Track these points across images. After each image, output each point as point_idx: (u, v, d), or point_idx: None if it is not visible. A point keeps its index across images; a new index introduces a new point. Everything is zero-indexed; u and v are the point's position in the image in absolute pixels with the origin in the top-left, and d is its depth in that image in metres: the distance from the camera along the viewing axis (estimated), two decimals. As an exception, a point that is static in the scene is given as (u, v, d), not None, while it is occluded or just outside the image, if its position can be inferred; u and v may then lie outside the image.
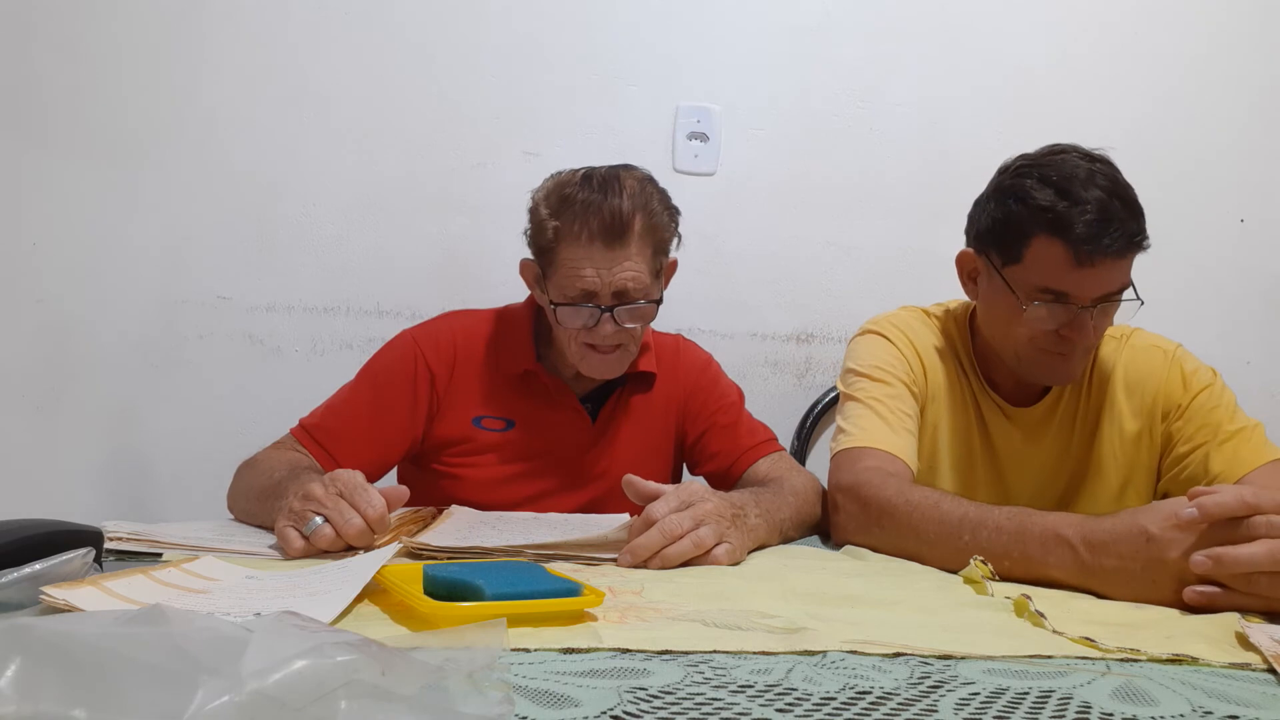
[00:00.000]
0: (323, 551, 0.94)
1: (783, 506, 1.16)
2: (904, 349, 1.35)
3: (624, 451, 1.40)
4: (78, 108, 1.73)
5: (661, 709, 0.52)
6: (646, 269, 1.27)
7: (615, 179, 1.26)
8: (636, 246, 1.25)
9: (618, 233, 1.23)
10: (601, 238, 1.23)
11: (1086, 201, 1.15)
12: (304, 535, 0.94)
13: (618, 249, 1.24)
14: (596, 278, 1.25)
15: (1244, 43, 1.97)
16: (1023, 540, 0.95)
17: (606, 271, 1.25)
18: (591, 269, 1.25)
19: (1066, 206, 1.15)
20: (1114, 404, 1.33)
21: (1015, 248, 1.21)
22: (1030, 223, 1.18)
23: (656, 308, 1.30)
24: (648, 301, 1.28)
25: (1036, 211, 1.17)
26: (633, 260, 1.25)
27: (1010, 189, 1.22)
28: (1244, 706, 0.56)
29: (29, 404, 1.72)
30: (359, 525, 0.93)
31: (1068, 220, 1.15)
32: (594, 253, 1.24)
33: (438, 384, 1.35)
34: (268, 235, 1.79)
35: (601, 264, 1.24)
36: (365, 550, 0.94)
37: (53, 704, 0.40)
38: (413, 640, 0.63)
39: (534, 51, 1.83)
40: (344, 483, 0.97)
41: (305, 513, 0.95)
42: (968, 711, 0.54)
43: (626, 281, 1.25)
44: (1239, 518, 0.82)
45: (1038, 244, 1.18)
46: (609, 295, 1.26)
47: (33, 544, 0.71)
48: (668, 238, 1.31)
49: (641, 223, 1.25)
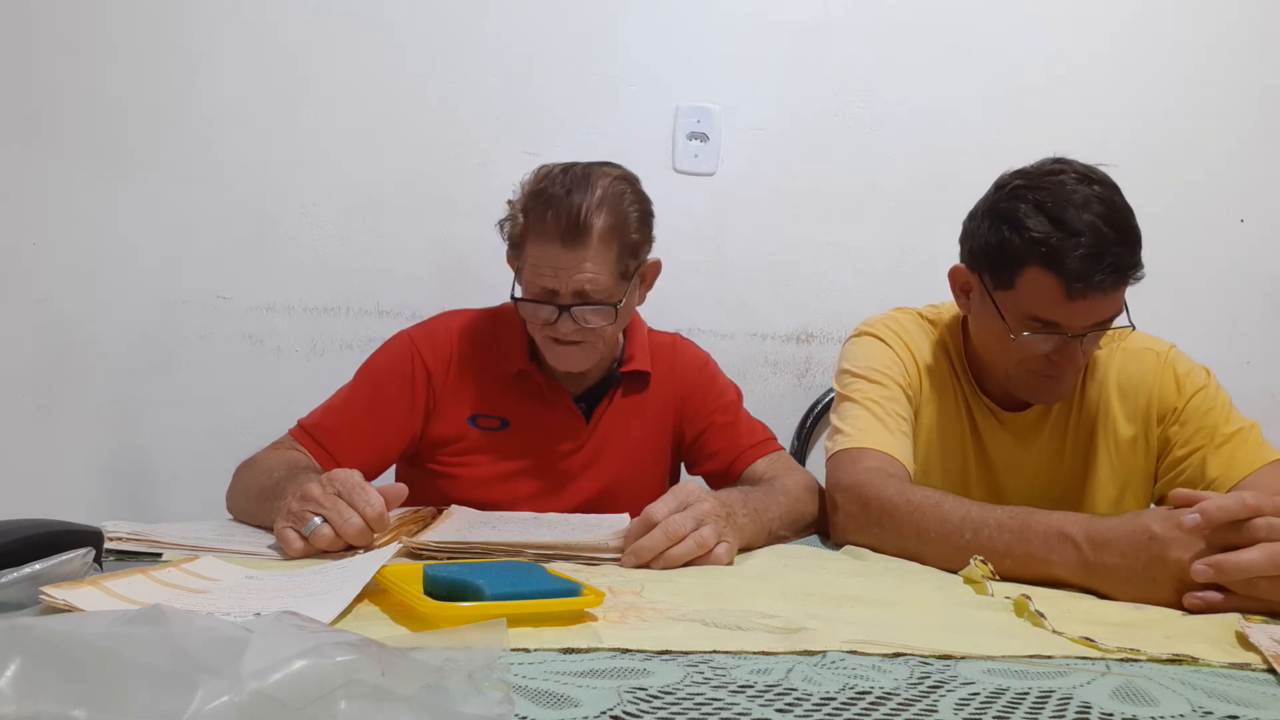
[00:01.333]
0: (322, 552, 0.94)
1: (771, 506, 1.16)
2: (899, 351, 1.35)
3: (619, 451, 1.40)
4: (78, 108, 1.73)
5: (661, 709, 0.52)
6: (608, 270, 1.25)
7: (587, 177, 1.25)
8: (596, 248, 1.23)
9: (576, 234, 1.22)
10: (560, 238, 1.22)
11: (1080, 233, 1.13)
12: (303, 536, 0.94)
13: (576, 249, 1.23)
14: (555, 277, 1.24)
15: (1245, 44, 1.96)
16: (1026, 538, 0.95)
17: (565, 272, 1.24)
18: (550, 268, 1.24)
19: (1060, 239, 1.13)
20: (1108, 409, 1.33)
21: (1007, 274, 1.20)
22: (1023, 252, 1.17)
23: (615, 310, 1.28)
24: (608, 304, 1.27)
25: (1030, 243, 1.15)
26: (591, 262, 1.23)
27: (1005, 214, 1.20)
28: (1244, 706, 0.56)
29: (29, 404, 1.72)
30: (358, 524, 0.93)
31: (1060, 254, 1.13)
32: (553, 253, 1.23)
33: (434, 382, 1.35)
34: (268, 235, 1.79)
35: (560, 264, 1.24)
36: (365, 550, 0.94)
37: (53, 704, 0.40)
38: (413, 640, 0.63)
39: (534, 51, 1.83)
40: (342, 482, 0.97)
41: (304, 513, 0.95)
42: (968, 711, 0.54)
43: (584, 283, 1.24)
44: (1240, 520, 0.82)
45: (1030, 274, 1.17)
46: (569, 294, 1.25)
47: (33, 544, 0.71)
48: (637, 240, 1.29)
49: (604, 223, 1.23)
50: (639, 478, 1.41)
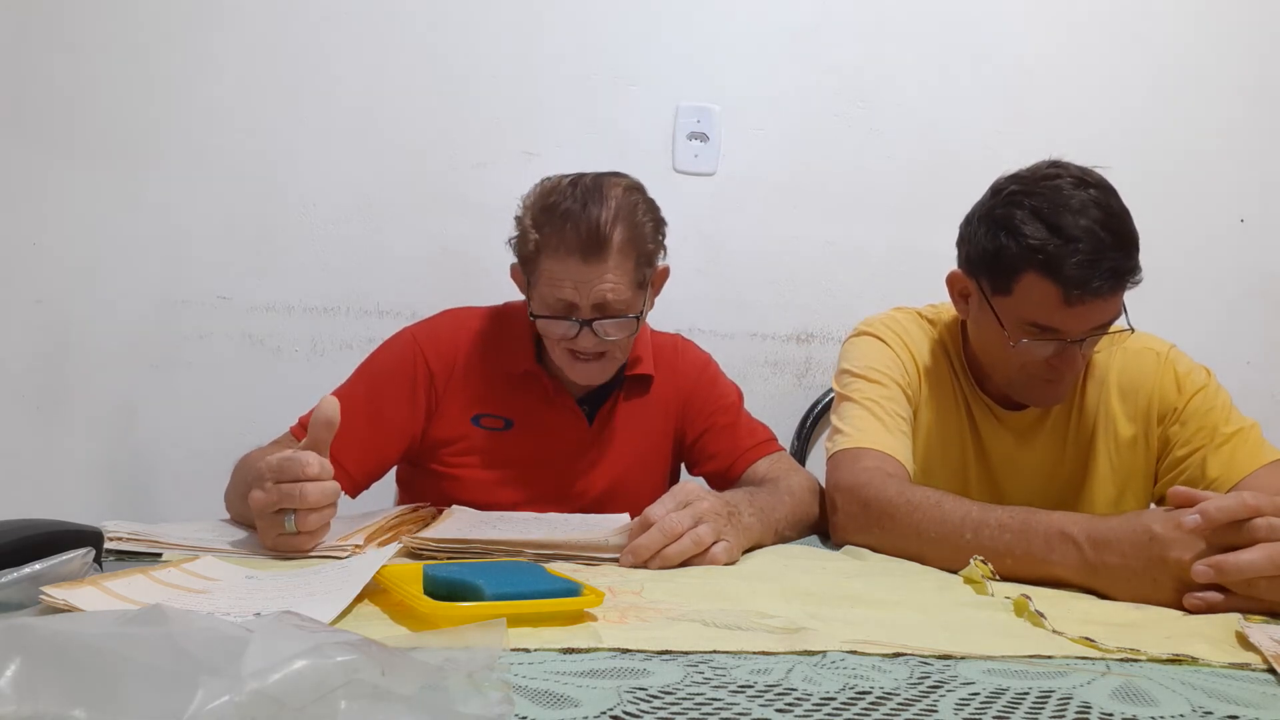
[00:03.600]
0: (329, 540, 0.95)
1: (778, 506, 1.16)
2: (898, 350, 1.35)
3: (622, 454, 1.39)
4: (78, 108, 1.73)
5: (661, 709, 0.52)
6: (627, 281, 1.25)
7: (599, 189, 1.24)
8: (616, 260, 1.23)
9: (596, 247, 1.21)
10: (580, 252, 1.22)
11: (1077, 239, 1.12)
12: (294, 534, 0.94)
13: (596, 263, 1.22)
14: (575, 291, 1.24)
15: (1244, 42, 1.96)
16: (1026, 538, 0.95)
17: (585, 285, 1.23)
18: (570, 283, 1.23)
19: (1057, 245, 1.13)
20: (1108, 409, 1.33)
21: (1005, 281, 1.19)
22: (1020, 259, 1.16)
23: (637, 322, 1.28)
24: (629, 316, 1.27)
25: (1027, 250, 1.15)
26: (612, 274, 1.23)
27: (1001, 220, 1.19)
28: (1244, 706, 0.56)
29: (29, 404, 1.72)
30: (310, 489, 0.92)
31: (1058, 261, 1.13)
32: (572, 267, 1.23)
33: (437, 383, 1.35)
34: (268, 235, 1.79)
35: (580, 278, 1.23)
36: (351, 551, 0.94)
37: (53, 704, 0.40)
38: (413, 640, 0.63)
39: (534, 51, 1.83)
40: (272, 469, 0.95)
41: (274, 525, 0.94)
42: (968, 711, 0.54)
43: (605, 294, 1.24)
44: (1240, 520, 0.82)
45: (1028, 280, 1.17)
46: (589, 308, 1.25)
47: (33, 544, 0.71)
48: (652, 249, 1.29)
49: (622, 235, 1.23)
50: (641, 479, 1.41)
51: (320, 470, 0.94)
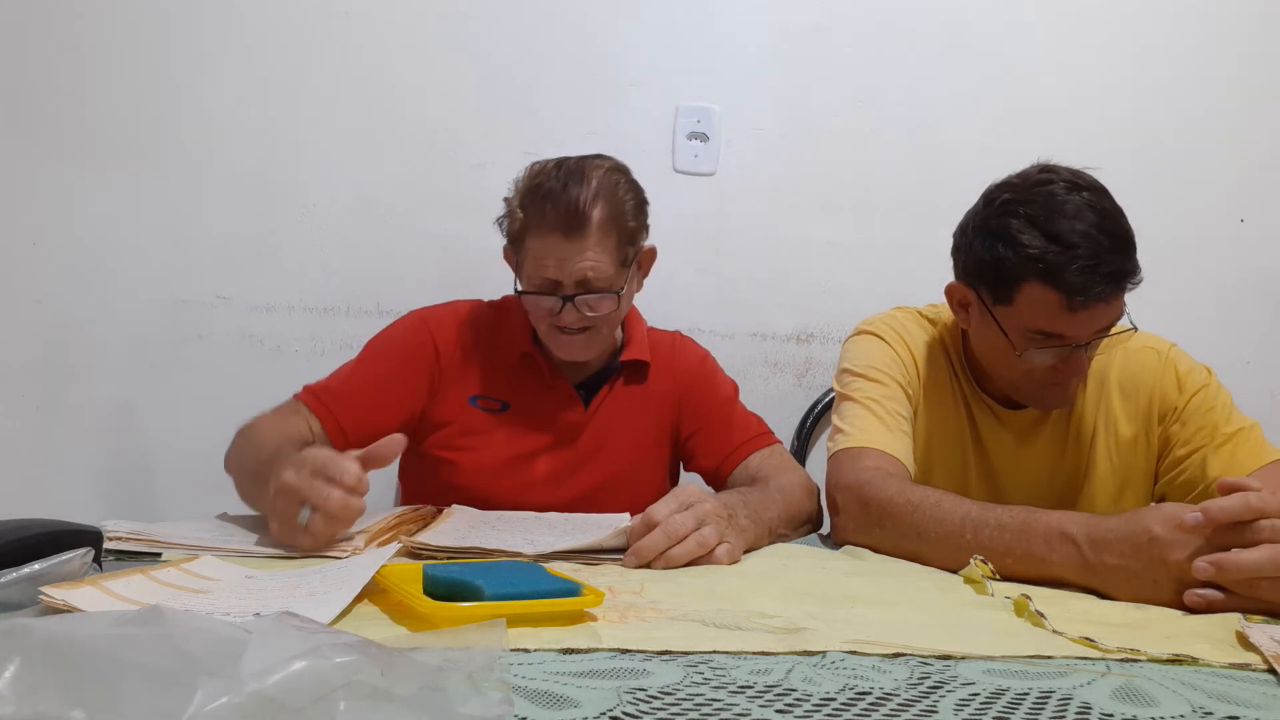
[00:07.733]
0: (335, 537, 0.96)
1: (770, 505, 1.16)
2: (898, 350, 1.35)
3: (619, 441, 1.41)
4: (78, 108, 1.73)
5: (661, 709, 0.52)
6: (608, 258, 1.28)
7: (581, 170, 1.29)
8: (596, 237, 1.27)
9: (576, 224, 1.25)
10: (561, 230, 1.26)
11: (1076, 244, 1.12)
12: (301, 529, 0.94)
13: (577, 240, 1.26)
14: (558, 268, 1.27)
15: (1244, 42, 1.96)
16: (1026, 537, 0.95)
17: (567, 262, 1.27)
18: (553, 260, 1.27)
19: (1056, 253, 1.13)
20: (1109, 408, 1.33)
21: (1006, 290, 1.19)
22: (1020, 269, 1.16)
23: (618, 297, 1.31)
24: (611, 292, 1.30)
25: (1026, 259, 1.15)
26: (593, 251, 1.27)
27: (997, 230, 1.19)
28: (1244, 707, 0.56)
29: (29, 404, 1.72)
30: (338, 498, 0.93)
31: (1058, 268, 1.13)
32: (554, 244, 1.27)
33: (442, 360, 1.38)
34: (268, 235, 1.79)
35: (562, 255, 1.27)
36: (360, 545, 0.94)
37: (52, 705, 0.40)
38: (412, 640, 0.63)
39: (534, 51, 1.83)
40: (313, 460, 0.96)
41: (289, 510, 0.94)
42: (968, 712, 0.54)
43: (586, 271, 1.27)
44: (1243, 521, 0.82)
45: (1029, 289, 1.16)
46: (571, 284, 1.28)
47: (33, 544, 0.71)
48: (634, 227, 1.32)
49: (602, 213, 1.27)
50: (639, 470, 1.42)
51: (356, 484, 0.95)
